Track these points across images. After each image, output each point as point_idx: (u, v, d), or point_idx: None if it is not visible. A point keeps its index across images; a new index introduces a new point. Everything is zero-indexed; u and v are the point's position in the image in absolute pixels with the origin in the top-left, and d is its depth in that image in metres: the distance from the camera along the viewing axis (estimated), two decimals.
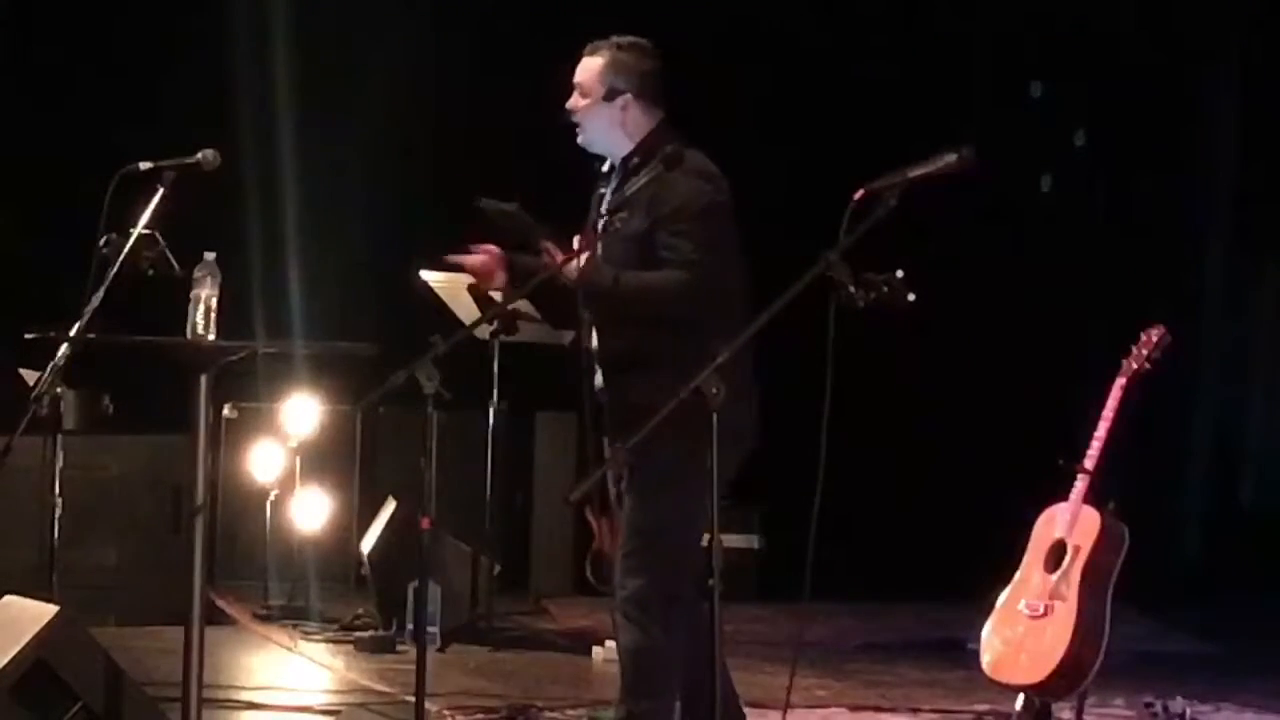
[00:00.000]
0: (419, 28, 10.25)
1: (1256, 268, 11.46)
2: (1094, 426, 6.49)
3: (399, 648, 8.25)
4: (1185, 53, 11.05)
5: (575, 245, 5.40)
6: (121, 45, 10.19)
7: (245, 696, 7.20)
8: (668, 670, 5.38)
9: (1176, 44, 11.00)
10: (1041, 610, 6.40)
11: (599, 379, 5.53)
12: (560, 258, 5.36)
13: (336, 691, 7.61)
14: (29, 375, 7.41)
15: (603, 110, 5.47)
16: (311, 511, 9.35)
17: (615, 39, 5.54)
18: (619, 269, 5.37)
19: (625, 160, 5.49)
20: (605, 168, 5.60)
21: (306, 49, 10.33)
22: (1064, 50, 11.00)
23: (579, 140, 5.55)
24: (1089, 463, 6.45)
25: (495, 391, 8.76)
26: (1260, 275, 11.47)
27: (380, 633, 8.44)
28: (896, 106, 10.54)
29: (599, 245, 5.45)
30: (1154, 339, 6.55)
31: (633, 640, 5.42)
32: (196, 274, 5.44)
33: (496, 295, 8.26)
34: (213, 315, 5.42)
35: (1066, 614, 6.34)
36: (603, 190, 5.56)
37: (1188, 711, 6.96)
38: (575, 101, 5.52)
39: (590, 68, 5.52)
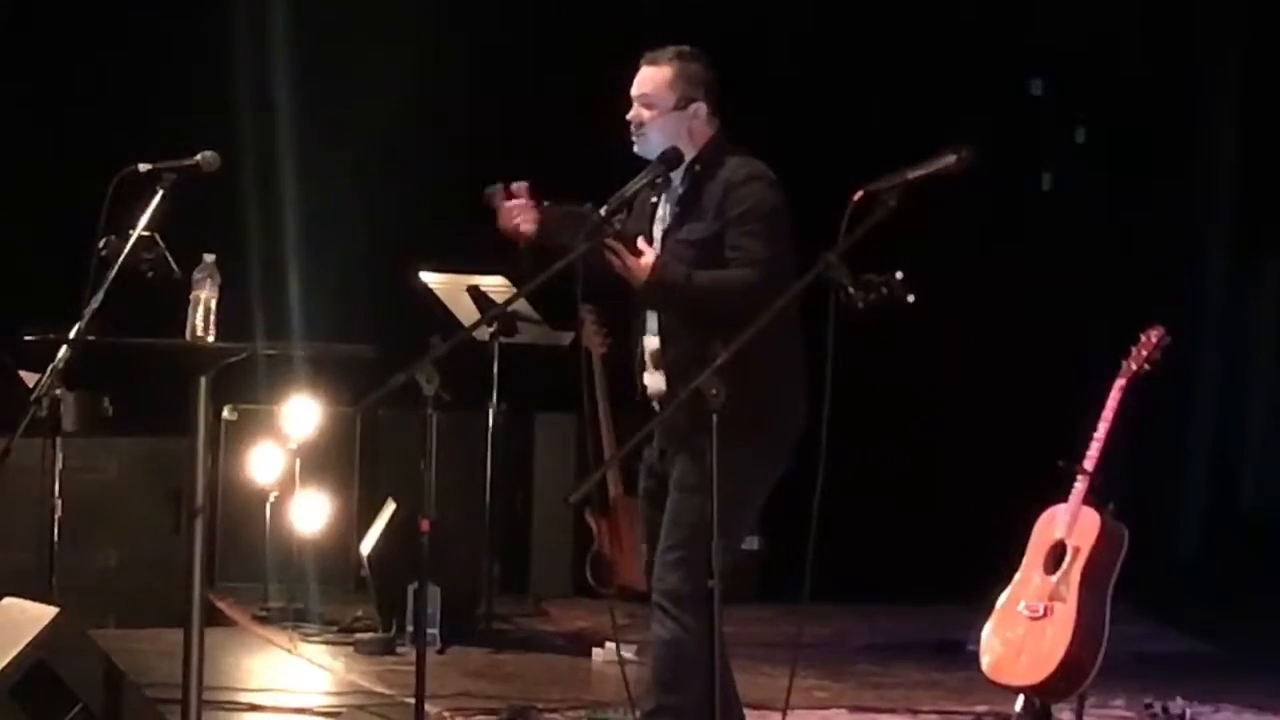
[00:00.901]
0: (419, 30, 10.25)
1: (1256, 268, 11.46)
2: (1093, 427, 6.49)
3: (398, 649, 8.25)
4: (1186, 52, 11.05)
5: (642, 245, 5.36)
6: (121, 47, 10.19)
7: (245, 698, 7.21)
8: (698, 666, 5.34)
9: (1177, 43, 11.00)
10: (1041, 611, 6.40)
11: (654, 380, 5.49)
12: (630, 257, 5.33)
13: (336, 693, 7.61)
14: (29, 377, 7.42)
15: (672, 120, 5.48)
16: (311, 513, 9.34)
17: (674, 48, 5.54)
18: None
19: (689, 167, 5.48)
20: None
21: (306, 51, 10.33)
22: (1064, 48, 11.00)
23: (636, 149, 5.52)
24: (1088, 464, 6.45)
25: (495, 393, 8.76)
26: (1260, 276, 11.46)
27: (380, 634, 8.44)
28: (897, 104, 10.53)
29: (661, 253, 5.44)
30: (1153, 340, 6.55)
31: (667, 634, 5.41)
32: (196, 276, 5.44)
33: (496, 296, 8.33)
34: (212, 317, 5.42)
35: (1066, 615, 6.34)
36: (654, 198, 5.55)
37: (1187, 712, 6.96)
38: (640, 114, 5.50)
39: (657, 78, 5.50)
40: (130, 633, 8.11)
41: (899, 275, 4.80)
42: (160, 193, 5.43)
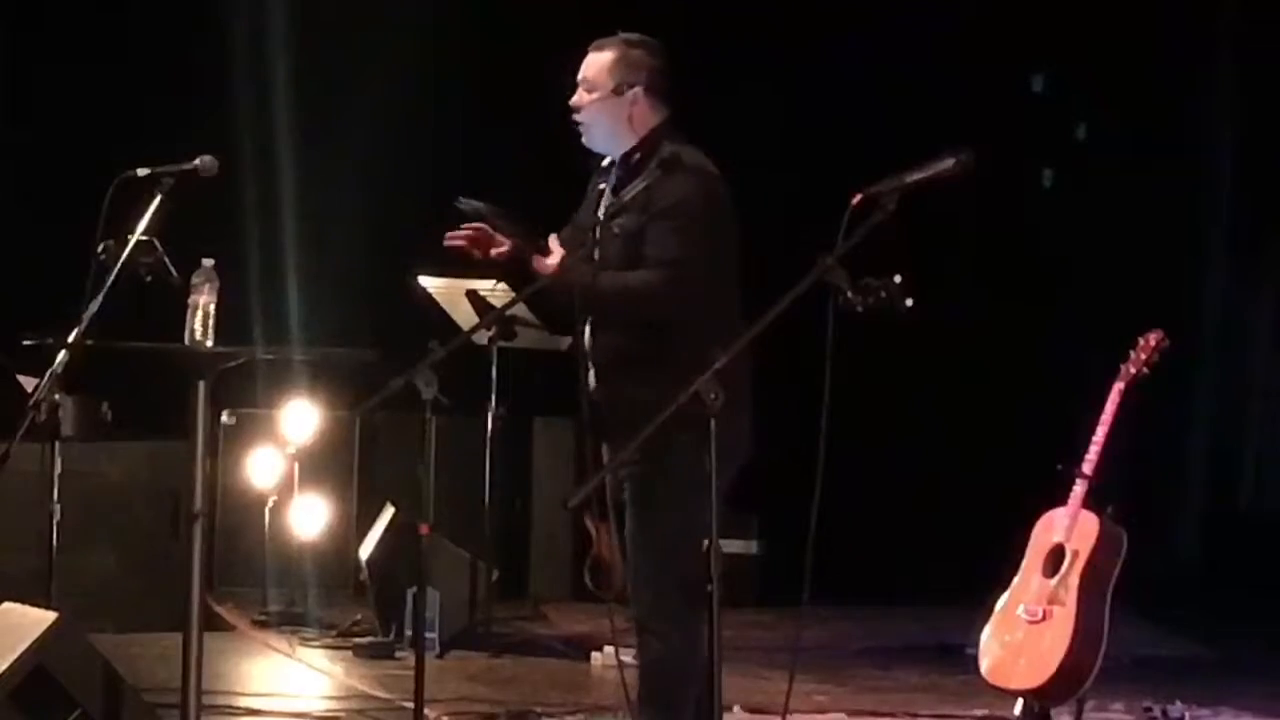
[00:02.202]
0: (418, 34, 10.25)
1: (1256, 269, 11.45)
2: (1092, 431, 6.49)
3: (397, 654, 8.25)
4: (1186, 47, 11.02)
5: (551, 244, 5.33)
6: (120, 51, 10.19)
7: (244, 703, 7.20)
8: (689, 679, 5.28)
9: (1177, 38, 10.96)
10: (1040, 615, 6.40)
11: (592, 380, 5.44)
12: (538, 258, 5.29)
13: (335, 698, 7.61)
14: (27, 382, 7.41)
15: (610, 105, 5.39)
16: (310, 518, 9.34)
17: (623, 35, 5.48)
18: (610, 268, 5.28)
19: (627, 156, 5.41)
20: (606, 162, 5.52)
21: (305, 55, 10.33)
22: (1065, 43, 10.98)
23: (583, 140, 5.48)
24: (1087, 467, 6.45)
25: (493, 397, 8.75)
26: (1259, 277, 11.46)
27: (379, 639, 8.44)
28: (898, 101, 10.51)
29: (597, 244, 5.38)
30: (1152, 343, 6.56)
31: (656, 653, 5.35)
32: (195, 280, 5.44)
33: (495, 300, 8.33)
34: (211, 321, 5.42)
35: (1065, 618, 6.34)
36: (602, 187, 5.50)
37: (1186, 716, 6.97)
38: (580, 98, 5.44)
39: (598, 63, 5.44)
40: (129, 637, 8.10)
41: (897, 279, 4.79)
42: (159, 197, 5.44)
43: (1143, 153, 11.02)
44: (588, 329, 5.44)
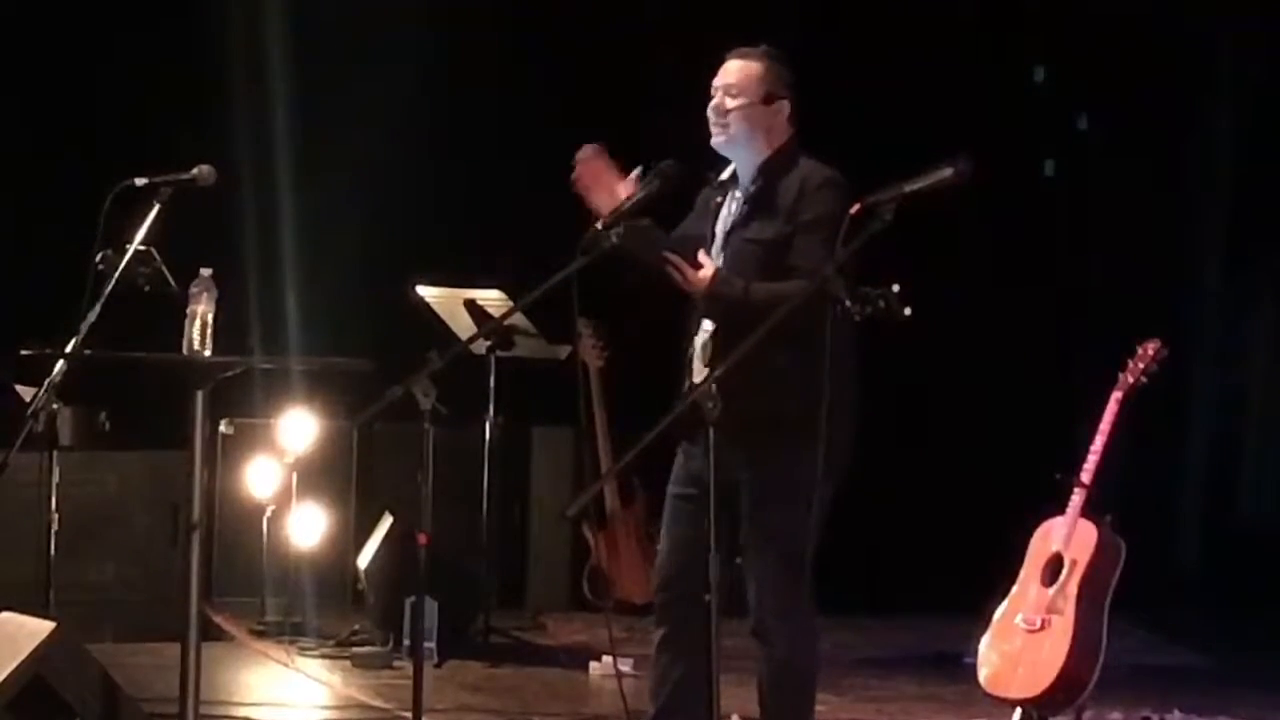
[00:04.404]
0: (417, 44, 10.25)
1: (1255, 271, 11.44)
2: (1090, 439, 6.49)
3: (396, 663, 8.25)
4: (1185, 38, 11.00)
5: (703, 259, 5.35)
6: (118, 60, 10.19)
7: (242, 712, 7.20)
8: (813, 677, 5.62)
9: (1177, 28, 10.94)
10: (1039, 624, 6.41)
11: (701, 377, 5.43)
12: (690, 270, 5.31)
13: (333, 707, 7.61)
14: (25, 392, 7.41)
15: (757, 113, 5.48)
16: (308, 527, 9.33)
17: (765, 48, 5.57)
18: (746, 276, 5.34)
19: (763, 166, 5.48)
20: (726, 175, 5.57)
21: (304, 65, 10.32)
22: (1067, 34, 10.96)
23: (715, 141, 5.50)
24: (1085, 476, 6.45)
25: (491, 406, 8.75)
26: (1258, 280, 11.45)
27: (377, 648, 8.44)
28: (899, 92, 10.48)
29: (724, 251, 5.44)
30: (1150, 352, 6.56)
31: (782, 655, 5.49)
32: (193, 290, 5.44)
33: (493, 310, 8.34)
34: (209, 331, 5.42)
35: (1064, 627, 6.34)
36: (718, 198, 5.54)
37: None
38: (724, 102, 5.48)
39: (747, 70, 5.51)
40: (127, 647, 8.09)
41: (895, 288, 4.81)
42: (157, 207, 5.44)
43: (1144, 146, 10.99)
44: (707, 336, 5.44)
